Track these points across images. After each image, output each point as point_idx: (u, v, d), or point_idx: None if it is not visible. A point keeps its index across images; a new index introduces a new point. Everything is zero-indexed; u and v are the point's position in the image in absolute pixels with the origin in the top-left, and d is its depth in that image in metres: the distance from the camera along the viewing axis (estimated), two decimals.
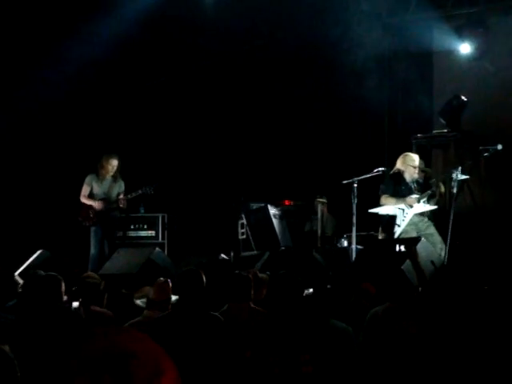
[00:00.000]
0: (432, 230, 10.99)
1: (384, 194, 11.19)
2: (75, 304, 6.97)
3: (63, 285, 6.04)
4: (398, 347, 6.47)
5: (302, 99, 14.00)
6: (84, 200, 11.97)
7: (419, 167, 11.24)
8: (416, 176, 11.21)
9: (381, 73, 14.19)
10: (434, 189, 11.10)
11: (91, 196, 11.98)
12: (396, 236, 11.07)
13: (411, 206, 11.01)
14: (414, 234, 10.90)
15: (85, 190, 12.01)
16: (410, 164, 11.14)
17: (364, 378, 6.52)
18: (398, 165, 11.26)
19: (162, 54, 14.24)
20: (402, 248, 8.43)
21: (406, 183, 11.15)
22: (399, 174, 11.18)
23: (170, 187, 13.57)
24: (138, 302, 7.36)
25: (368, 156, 13.35)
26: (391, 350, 6.53)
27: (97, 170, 11.99)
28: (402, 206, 11.03)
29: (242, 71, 14.29)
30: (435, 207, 11.11)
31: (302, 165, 14.07)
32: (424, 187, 11.27)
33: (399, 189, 11.13)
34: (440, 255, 10.20)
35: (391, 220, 11.18)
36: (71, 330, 5.16)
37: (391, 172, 11.43)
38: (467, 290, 5.80)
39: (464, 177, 10.90)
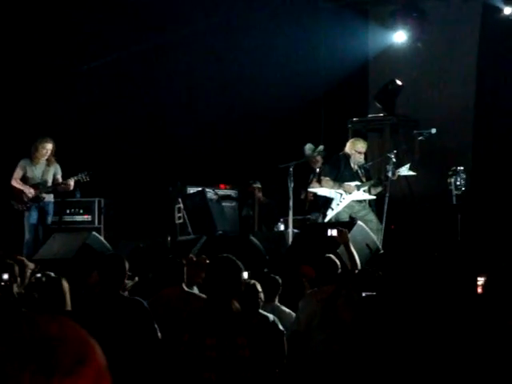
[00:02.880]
0: (371, 216, 11.05)
1: (326, 176, 11.25)
2: (5, 276, 6.87)
3: None
4: (332, 331, 6.53)
5: (237, 83, 13.97)
6: (15, 184, 11.77)
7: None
8: (361, 161, 11.32)
9: (317, 57, 14.25)
10: (376, 180, 11.24)
11: (25, 180, 11.79)
12: (327, 219, 11.12)
13: (350, 193, 11.07)
14: (346, 218, 10.95)
15: (17, 174, 11.80)
16: (357, 150, 11.23)
17: (298, 359, 6.58)
18: (347, 148, 11.35)
19: (102, 36, 14.02)
20: (334, 233, 8.42)
21: (351, 168, 11.24)
22: (345, 158, 11.26)
23: (106, 171, 13.44)
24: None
25: (304, 140, 13.40)
26: (326, 334, 6.59)
27: (30, 154, 11.81)
28: (341, 190, 11.09)
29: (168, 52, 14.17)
30: (374, 197, 11.23)
31: (238, 149, 14.06)
32: (369, 174, 11.43)
33: (343, 173, 11.18)
34: (375, 240, 10.26)
35: (328, 202, 11.22)
36: None
37: (340, 154, 11.45)
38: (401, 273, 5.87)
39: (411, 173, 10.98)
